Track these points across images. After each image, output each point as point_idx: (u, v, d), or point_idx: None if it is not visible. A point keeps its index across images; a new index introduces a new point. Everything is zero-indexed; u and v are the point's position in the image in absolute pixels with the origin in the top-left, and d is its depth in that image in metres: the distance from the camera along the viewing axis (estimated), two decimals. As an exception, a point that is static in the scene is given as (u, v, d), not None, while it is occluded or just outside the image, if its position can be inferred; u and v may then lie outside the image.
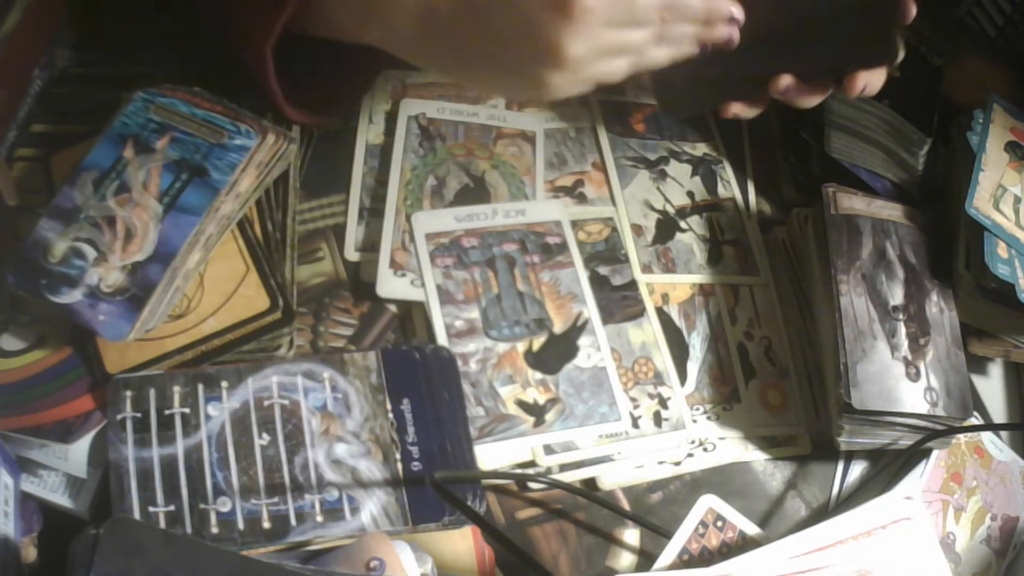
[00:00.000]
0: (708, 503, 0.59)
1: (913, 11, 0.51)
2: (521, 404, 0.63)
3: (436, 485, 0.54)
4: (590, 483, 0.64)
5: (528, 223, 0.70)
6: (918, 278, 0.70)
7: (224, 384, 0.57)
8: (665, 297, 0.71)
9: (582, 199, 0.74)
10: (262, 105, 0.63)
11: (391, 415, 0.59)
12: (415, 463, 0.57)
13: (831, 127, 0.74)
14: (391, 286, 0.65)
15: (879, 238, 0.71)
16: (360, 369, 0.60)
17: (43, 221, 0.56)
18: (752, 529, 0.60)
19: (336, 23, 0.56)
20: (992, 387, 0.75)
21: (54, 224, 0.56)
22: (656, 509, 0.64)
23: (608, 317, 0.68)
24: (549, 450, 0.62)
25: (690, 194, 0.77)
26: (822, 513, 0.67)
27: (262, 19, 0.56)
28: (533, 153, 0.75)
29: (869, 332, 0.66)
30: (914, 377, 0.65)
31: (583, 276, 0.69)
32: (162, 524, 0.52)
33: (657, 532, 0.61)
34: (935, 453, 0.68)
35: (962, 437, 0.69)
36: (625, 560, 0.62)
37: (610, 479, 0.64)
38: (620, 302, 0.69)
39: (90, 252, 0.56)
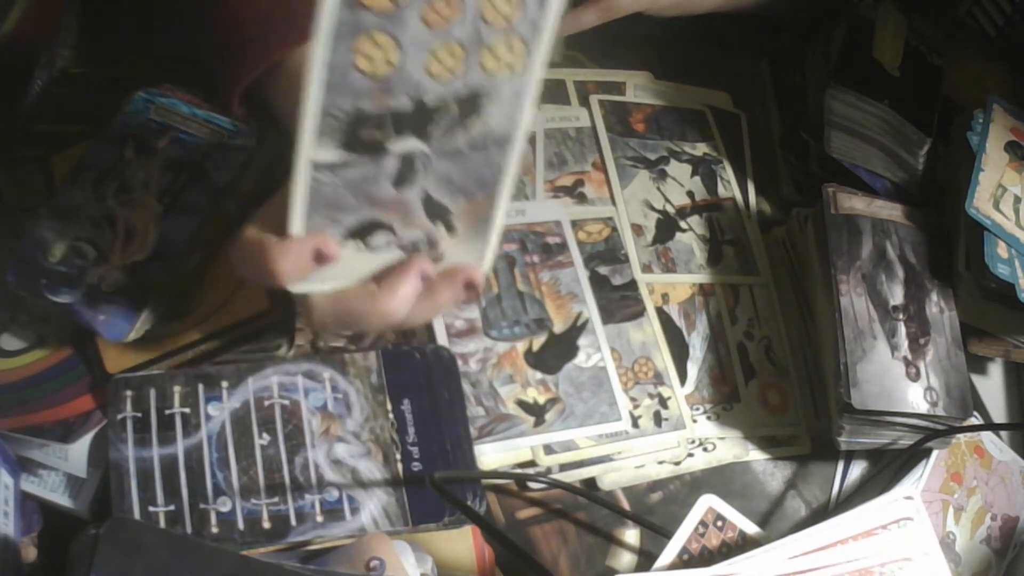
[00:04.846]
0: (708, 503, 0.59)
1: None
2: (521, 404, 0.63)
3: (436, 485, 0.54)
4: (590, 483, 0.64)
5: (528, 223, 0.70)
6: (918, 278, 0.70)
7: (224, 384, 0.57)
8: (665, 297, 0.71)
9: (582, 199, 0.74)
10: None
11: (391, 415, 0.59)
12: (415, 463, 0.57)
13: (831, 127, 0.74)
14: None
15: (879, 238, 0.71)
16: (360, 369, 0.60)
17: (43, 221, 0.56)
18: (752, 529, 0.60)
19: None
20: (992, 387, 0.75)
21: (54, 224, 0.56)
22: (656, 509, 0.64)
23: (608, 317, 0.68)
24: (549, 450, 0.62)
25: (690, 194, 0.77)
26: (822, 513, 0.67)
27: (228, 74, 0.59)
28: (533, 153, 0.75)
29: (869, 332, 0.66)
30: (914, 377, 0.65)
31: (583, 276, 0.69)
32: (162, 524, 0.52)
33: (657, 532, 0.61)
34: (935, 453, 0.68)
35: (962, 437, 0.69)
36: (625, 560, 0.62)
37: (610, 479, 0.64)
38: (620, 302, 0.69)
39: (90, 252, 0.56)
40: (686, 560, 0.58)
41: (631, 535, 0.63)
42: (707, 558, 0.58)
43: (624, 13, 0.74)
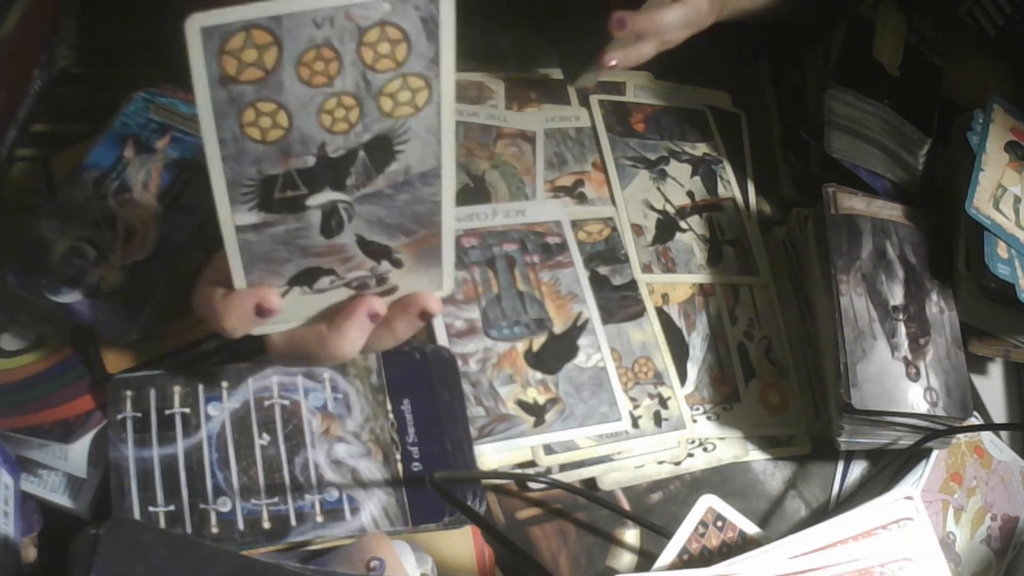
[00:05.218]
0: (708, 503, 0.59)
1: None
2: (521, 404, 0.63)
3: (436, 485, 0.54)
4: (590, 483, 0.64)
5: (528, 223, 0.70)
6: (918, 278, 0.70)
7: (224, 384, 0.57)
8: (665, 297, 0.71)
9: (582, 199, 0.74)
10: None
11: (391, 415, 0.59)
12: (415, 463, 0.57)
13: (831, 127, 0.74)
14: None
15: (879, 238, 0.71)
16: (360, 369, 0.60)
17: (43, 221, 0.56)
18: (752, 529, 0.60)
19: None
20: (992, 387, 0.75)
21: (54, 224, 0.56)
22: (656, 509, 0.64)
23: (608, 317, 0.68)
24: (549, 450, 0.62)
25: (690, 194, 0.77)
26: (822, 513, 0.67)
27: None
28: (533, 153, 0.75)
29: (869, 332, 0.66)
30: (914, 377, 0.65)
31: (583, 276, 0.69)
32: (162, 524, 0.52)
33: (657, 532, 0.61)
34: (935, 453, 0.68)
35: (962, 437, 0.69)
36: (625, 560, 0.62)
37: (610, 479, 0.64)
38: (620, 302, 0.69)
39: (90, 252, 0.56)
40: (686, 560, 0.58)
41: (631, 535, 0.63)
42: (707, 558, 0.58)
43: (679, 43, 0.73)
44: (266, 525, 0.53)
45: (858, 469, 0.69)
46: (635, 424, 0.65)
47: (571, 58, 0.79)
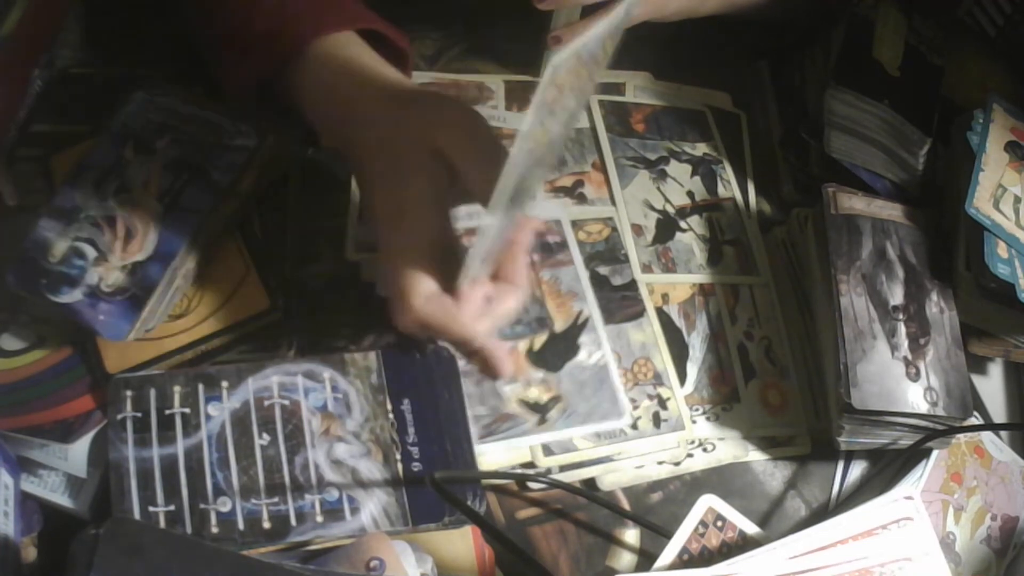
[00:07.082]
0: (708, 503, 0.59)
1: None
2: (523, 403, 0.63)
3: (436, 485, 0.54)
4: (590, 483, 0.64)
5: (528, 223, 0.70)
6: (918, 278, 0.70)
7: (224, 384, 0.57)
8: (665, 297, 0.71)
9: (582, 199, 0.74)
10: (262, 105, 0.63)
11: (391, 415, 0.59)
12: (415, 463, 0.57)
13: (831, 127, 0.74)
14: (391, 286, 0.65)
15: (879, 238, 0.71)
16: (360, 369, 0.60)
17: (43, 221, 0.56)
18: (752, 529, 0.60)
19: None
20: (992, 387, 0.75)
21: (54, 224, 0.56)
22: (656, 509, 0.64)
23: (608, 317, 0.68)
24: (548, 451, 0.62)
25: (690, 194, 0.77)
26: (822, 513, 0.67)
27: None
28: (533, 153, 0.74)
29: (869, 332, 0.66)
30: (914, 377, 0.65)
31: (583, 275, 0.69)
32: (162, 524, 0.52)
33: (657, 532, 0.61)
34: (935, 453, 0.68)
35: (962, 437, 0.69)
36: (625, 560, 0.62)
37: (610, 479, 0.64)
38: (620, 302, 0.69)
39: (90, 252, 0.56)
40: (686, 560, 0.58)
41: (631, 535, 0.63)
42: (707, 558, 0.58)
43: (632, 24, 0.74)
44: (266, 525, 0.53)
45: (858, 469, 0.69)
46: (635, 424, 0.65)
47: (535, 50, 0.79)
